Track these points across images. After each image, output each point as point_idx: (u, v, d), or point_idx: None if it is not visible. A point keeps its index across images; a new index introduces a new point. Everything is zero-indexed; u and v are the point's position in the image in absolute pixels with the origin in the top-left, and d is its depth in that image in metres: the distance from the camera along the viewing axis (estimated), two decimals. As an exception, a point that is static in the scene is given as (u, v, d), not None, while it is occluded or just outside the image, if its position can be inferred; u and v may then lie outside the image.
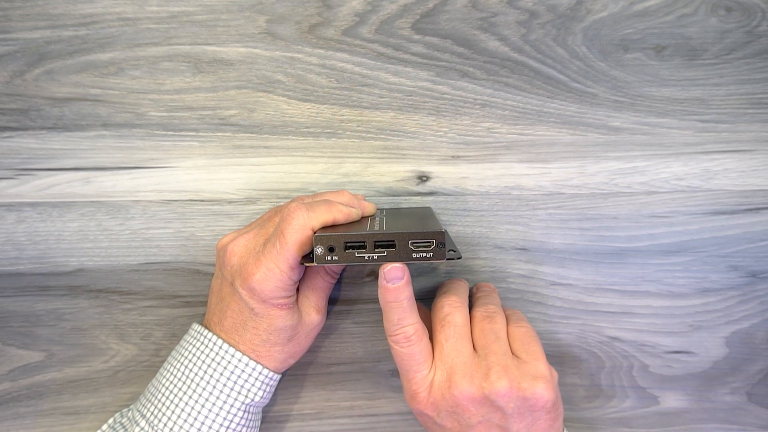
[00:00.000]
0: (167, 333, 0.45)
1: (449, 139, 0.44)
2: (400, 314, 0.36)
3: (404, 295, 0.36)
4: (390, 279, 0.35)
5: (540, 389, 0.36)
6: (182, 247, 0.44)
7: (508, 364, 0.36)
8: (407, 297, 0.36)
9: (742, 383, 0.47)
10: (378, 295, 0.37)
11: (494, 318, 0.39)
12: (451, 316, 0.38)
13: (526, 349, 0.38)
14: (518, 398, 0.35)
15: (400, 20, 0.42)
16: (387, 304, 0.36)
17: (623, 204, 0.45)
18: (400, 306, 0.36)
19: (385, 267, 0.35)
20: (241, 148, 0.43)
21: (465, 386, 0.36)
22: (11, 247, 0.44)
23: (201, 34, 0.42)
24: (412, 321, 0.37)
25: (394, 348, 0.37)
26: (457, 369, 0.36)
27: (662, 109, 0.44)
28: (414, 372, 0.37)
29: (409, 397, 0.38)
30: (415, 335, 0.37)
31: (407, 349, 0.37)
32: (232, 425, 0.38)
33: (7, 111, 0.42)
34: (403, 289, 0.36)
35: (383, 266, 0.35)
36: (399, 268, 0.35)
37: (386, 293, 0.36)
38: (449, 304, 0.39)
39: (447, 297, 0.40)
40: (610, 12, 0.43)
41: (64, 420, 0.46)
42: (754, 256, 0.46)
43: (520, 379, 0.36)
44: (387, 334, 0.37)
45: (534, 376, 0.36)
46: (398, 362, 0.38)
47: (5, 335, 0.45)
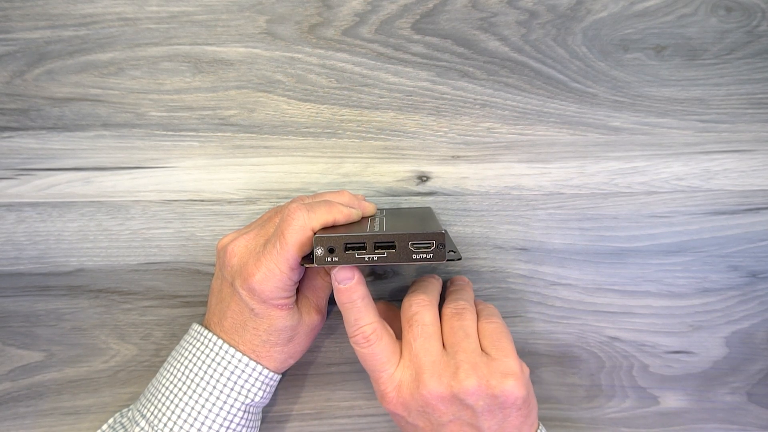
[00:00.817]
0: (167, 333, 0.45)
1: (449, 139, 0.44)
2: (355, 314, 0.36)
3: (357, 294, 0.36)
4: (341, 280, 0.36)
5: (509, 386, 0.35)
6: (182, 247, 0.44)
7: (477, 362, 0.36)
8: (360, 296, 0.36)
9: (742, 383, 0.47)
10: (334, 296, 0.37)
11: (463, 314, 0.39)
12: (418, 315, 0.38)
13: (496, 346, 0.37)
14: (487, 396, 0.35)
15: (400, 20, 0.42)
16: (342, 305, 0.36)
17: (623, 204, 0.45)
18: (354, 306, 0.36)
19: (335, 268, 0.36)
20: (241, 148, 0.43)
21: (433, 385, 0.35)
22: (11, 247, 0.44)
23: (201, 34, 0.42)
24: (368, 320, 0.37)
25: (355, 349, 0.37)
26: (425, 368, 0.36)
27: (662, 109, 0.44)
28: (379, 372, 0.37)
29: (379, 397, 0.38)
30: (374, 335, 0.37)
31: (367, 349, 0.37)
32: (232, 425, 0.38)
33: (7, 111, 0.42)
34: (355, 288, 0.36)
35: (332, 267, 0.36)
36: (347, 269, 0.36)
37: (339, 294, 0.36)
38: (417, 303, 0.39)
39: (415, 295, 0.39)
40: (610, 12, 0.43)
41: (64, 420, 0.46)
42: (754, 256, 0.46)
43: (488, 376, 0.35)
44: (348, 335, 0.37)
45: (503, 373, 0.36)
46: (363, 363, 0.38)
47: (5, 335, 0.45)
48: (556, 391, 0.47)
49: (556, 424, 0.47)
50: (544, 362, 0.47)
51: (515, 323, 0.46)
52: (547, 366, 0.47)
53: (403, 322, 0.39)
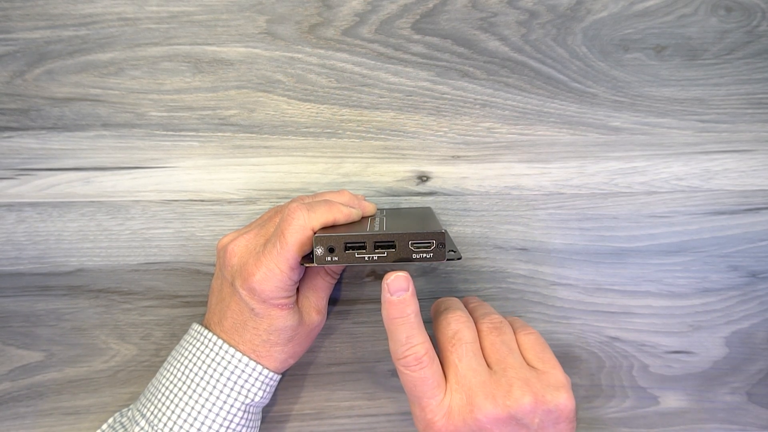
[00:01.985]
0: (167, 333, 0.45)
1: (449, 139, 0.44)
2: (408, 331, 0.33)
3: (411, 308, 0.33)
4: (394, 291, 0.33)
5: (563, 399, 0.34)
6: (182, 247, 0.44)
7: (528, 378, 0.34)
8: (414, 311, 0.33)
9: (742, 383, 0.47)
10: (382, 312, 0.34)
11: (502, 329, 0.37)
12: (461, 333, 0.35)
13: (541, 358, 0.36)
14: (543, 412, 0.34)
15: (400, 20, 0.42)
16: (392, 321, 0.33)
17: (623, 204, 0.45)
18: (407, 321, 0.33)
19: (388, 277, 0.33)
20: (241, 148, 0.43)
21: (489, 408, 0.33)
22: (11, 247, 0.44)
23: (201, 34, 0.42)
24: (421, 339, 0.34)
25: (403, 373, 0.34)
26: (476, 390, 0.33)
27: (662, 109, 0.44)
28: (428, 398, 0.34)
29: (424, 427, 0.34)
30: (427, 356, 0.34)
31: (419, 373, 0.34)
32: (232, 425, 0.38)
33: (7, 111, 0.42)
34: (410, 301, 0.33)
35: (386, 277, 0.33)
36: (403, 277, 0.33)
37: (391, 308, 0.33)
38: (456, 320, 0.36)
39: (452, 312, 0.37)
40: (610, 12, 0.43)
41: (64, 420, 0.46)
42: (754, 256, 0.46)
43: (543, 391, 0.34)
44: (395, 357, 0.34)
45: (555, 386, 0.34)
46: (409, 389, 0.34)
47: (5, 335, 0.45)
48: (556, 391, 0.47)
49: (556, 424, 0.47)
50: (544, 362, 0.47)
51: (515, 323, 0.46)
52: (547, 366, 0.47)
53: (443, 342, 0.36)
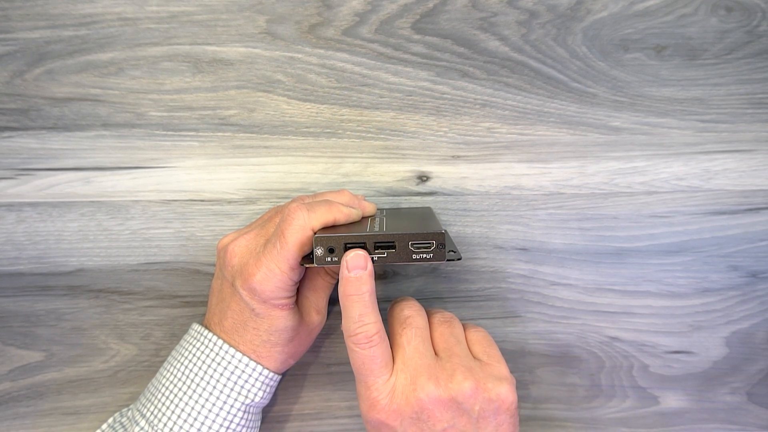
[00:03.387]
0: (167, 333, 0.45)
1: (449, 139, 0.44)
2: (361, 309, 0.34)
3: (366, 287, 0.34)
4: (352, 268, 0.34)
5: (504, 390, 0.35)
6: (182, 247, 0.44)
7: (472, 366, 0.35)
8: (369, 290, 0.34)
9: (742, 383, 0.47)
10: (338, 289, 0.35)
11: (452, 323, 0.38)
12: (412, 318, 0.37)
13: (487, 352, 0.37)
14: (484, 399, 0.34)
15: (400, 20, 0.42)
16: (347, 297, 0.34)
17: (623, 204, 0.45)
18: (362, 300, 0.34)
19: (348, 254, 0.34)
20: (241, 148, 0.43)
21: (431, 388, 0.34)
22: (11, 247, 0.44)
23: (201, 34, 0.42)
24: (374, 319, 0.34)
25: (353, 350, 0.35)
26: (421, 371, 0.34)
27: (662, 109, 0.44)
28: (375, 377, 0.35)
29: (368, 407, 0.35)
30: (377, 335, 0.34)
31: (368, 351, 0.34)
32: (232, 425, 0.38)
33: (7, 111, 0.42)
34: (366, 280, 0.34)
35: (346, 254, 0.34)
36: (362, 255, 0.34)
37: (347, 285, 0.34)
38: (409, 307, 0.38)
39: (406, 301, 0.38)
40: (610, 12, 0.43)
41: (64, 420, 0.46)
42: (754, 256, 0.46)
43: (485, 380, 0.35)
44: (346, 334, 0.35)
45: (498, 377, 0.35)
46: (357, 367, 0.35)
47: (5, 335, 0.45)
48: (556, 391, 0.47)
49: (556, 424, 0.47)
50: (544, 362, 0.47)
51: (515, 323, 0.46)
52: (547, 366, 0.47)
53: (395, 325, 0.37)
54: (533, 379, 0.47)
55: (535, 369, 0.47)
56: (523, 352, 0.46)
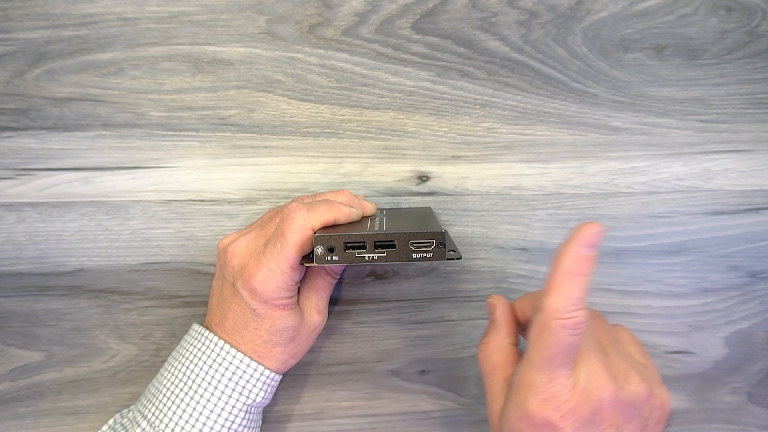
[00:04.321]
0: (167, 333, 0.45)
1: (449, 139, 0.44)
2: (581, 292, 0.30)
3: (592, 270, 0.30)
4: (591, 245, 0.30)
5: (667, 397, 0.33)
6: (182, 247, 0.44)
7: (641, 369, 0.33)
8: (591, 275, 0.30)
9: (742, 383, 0.47)
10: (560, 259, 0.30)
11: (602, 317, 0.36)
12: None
13: (641, 353, 0.35)
14: (652, 406, 0.33)
15: (400, 20, 0.42)
16: (572, 276, 0.30)
17: (623, 204, 0.45)
18: (585, 282, 0.30)
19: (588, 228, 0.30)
20: (241, 148, 0.43)
21: (612, 389, 0.31)
22: (11, 247, 0.44)
23: (201, 34, 0.42)
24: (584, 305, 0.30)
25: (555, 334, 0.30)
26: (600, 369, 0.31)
27: (662, 109, 0.44)
28: (563, 369, 0.31)
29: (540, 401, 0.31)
30: (584, 324, 0.30)
31: (573, 339, 0.30)
32: (233, 426, 0.38)
33: (7, 111, 0.42)
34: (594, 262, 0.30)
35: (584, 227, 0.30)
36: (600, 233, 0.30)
37: (580, 262, 0.30)
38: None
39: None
40: (610, 12, 0.43)
41: (64, 420, 0.46)
42: (754, 256, 0.46)
43: (652, 384, 0.33)
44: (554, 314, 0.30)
45: (659, 382, 0.34)
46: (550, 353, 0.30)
47: (5, 335, 0.45)
48: (556, 391, 0.47)
49: (556, 424, 0.47)
50: (544, 362, 0.47)
51: (515, 323, 0.46)
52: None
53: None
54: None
55: (535, 369, 0.47)
56: (523, 352, 0.46)
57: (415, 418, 0.47)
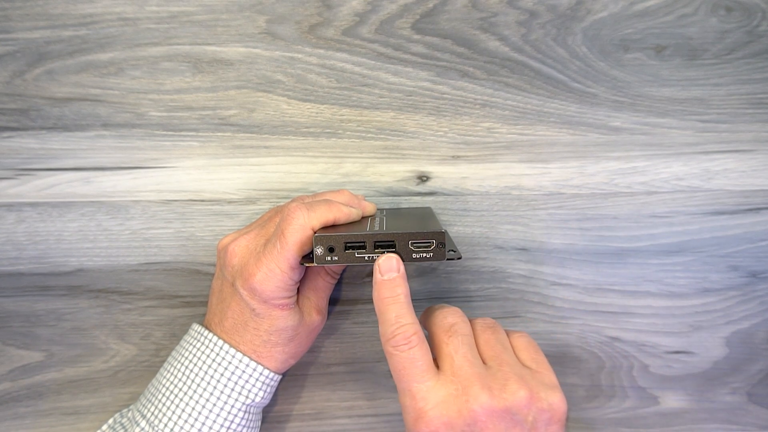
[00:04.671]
0: (167, 333, 0.45)
1: (449, 139, 0.44)
2: (398, 311, 0.33)
3: (401, 289, 0.34)
4: (385, 271, 0.33)
5: (557, 399, 0.34)
6: (182, 247, 0.44)
7: (523, 374, 0.34)
8: (404, 292, 0.34)
9: (742, 383, 0.47)
10: (372, 294, 0.34)
11: (496, 328, 0.37)
12: (457, 326, 0.35)
13: (534, 359, 0.36)
14: (538, 410, 0.33)
15: (400, 20, 0.42)
16: (383, 300, 0.34)
17: (623, 204, 0.45)
18: (398, 301, 0.33)
19: (380, 258, 0.34)
20: (241, 148, 0.43)
21: (485, 399, 0.32)
22: (11, 247, 0.44)
23: (201, 34, 0.42)
24: (411, 320, 0.33)
25: (392, 354, 0.33)
26: (473, 381, 0.33)
27: (662, 109, 0.44)
28: (418, 383, 0.33)
29: (414, 419, 0.33)
30: (416, 336, 0.33)
31: (408, 353, 0.33)
32: (232, 426, 0.38)
33: (7, 111, 0.42)
34: (400, 282, 0.33)
35: (377, 259, 0.34)
36: (394, 258, 0.33)
37: (382, 288, 0.33)
38: (452, 314, 0.36)
39: (448, 308, 0.37)
40: (610, 12, 0.43)
41: (64, 420, 0.46)
42: (754, 256, 0.46)
43: (538, 389, 0.34)
44: (384, 338, 0.34)
45: (549, 386, 0.34)
46: (397, 373, 0.33)
47: (5, 335, 0.45)
48: (556, 391, 0.47)
49: (556, 424, 0.47)
50: (544, 362, 0.47)
51: (515, 323, 0.46)
52: (547, 366, 0.47)
53: (439, 333, 0.35)
54: (533, 379, 0.47)
55: (535, 369, 0.47)
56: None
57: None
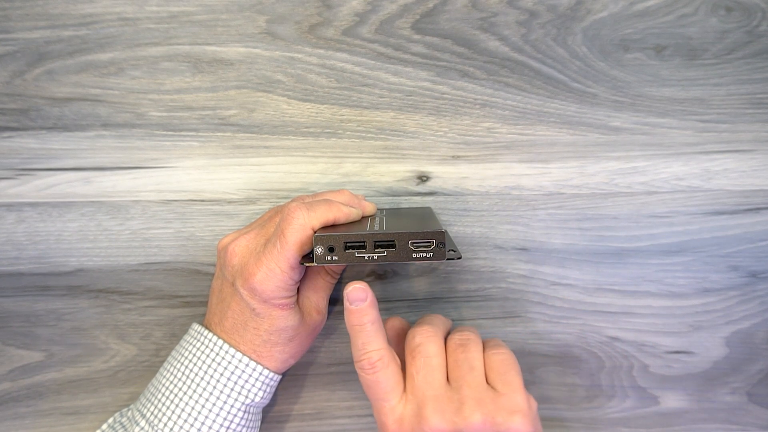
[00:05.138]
0: (167, 333, 0.45)
1: (449, 139, 0.44)
2: (363, 338, 0.35)
3: (368, 318, 0.35)
4: (353, 300, 0.35)
5: (515, 424, 0.34)
6: (182, 247, 0.44)
7: (483, 397, 0.35)
8: (371, 320, 0.35)
9: (742, 383, 0.47)
10: (344, 316, 0.36)
11: (468, 345, 0.37)
12: (422, 347, 0.37)
13: (503, 380, 0.36)
14: None
15: (400, 20, 0.42)
16: (351, 327, 0.36)
17: (623, 204, 0.45)
18: (364, 330, 0.35)
19: (348, 287, 0.35)
20: (241, 148, 0.43)
21: (436, 421, 0.34)
22: (11, 247, 0.44)
23: (201, 34, 0.42)
24: (377, 347, 0.36)
25: (359, 374, 0.36)
26: (427, 402, 0.35)
27: (662, 109, 0.44)
28: (381, 401, 0.36)
29: (380, 427, 0.36)
30: (380, 362, 0.35)
31: (372, 377, 0.35)
32: (232, 425, 0.38)
33: (7, 111, 0.42)
34: (367, 311, 0.35)
35: (347, 287, 0.35)
36: (361, 288, 0.35)
37: (350, 316, 0.35)
38: (420, 334, 0.37)
39: (420, 327, 0.38)
40: (610, 12, 0.43)
41: (64, 420, 0.46)
42: (754, 256, 0.46)
43: (494, 413, 0.34)
44: (354, 359, 0.36)
45: (510, 410, 0.34)
46: (365, 390, 0.37)
47: (5, 335, 0.45)
48: (556, 391, 0.47)
49: (556, 424, 0.47)
50: (544, 362, 0.47)
51: (515, 323, 0.46)
52: (547, 366, 0.47)
53: (407, 353, 0.37)
54: (533, 379, 0.47)
55: (535, 369, 0.47)
56: (523, 352, 0.46)
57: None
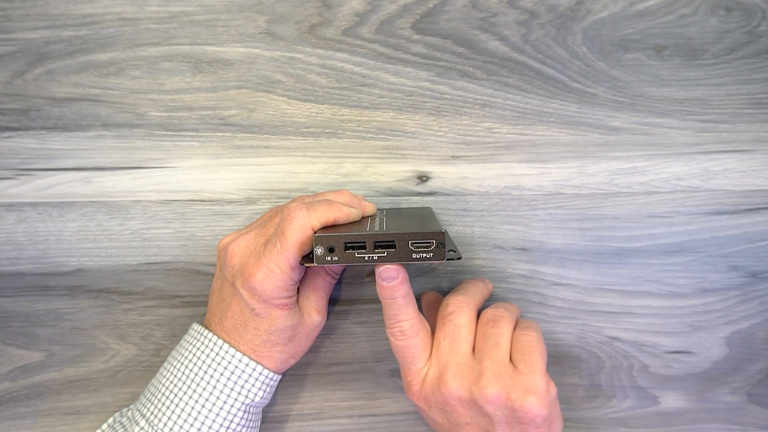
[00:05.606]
0: (167, 333, 0.45)
1: (449, 139, 0.44)
2: (395, 311, 0.37)
3: (399, 293, 0.37)
4: (385, 278, 0.36)
5: (529, 403, 0.35)
6: (182, 247, 0.44)
7: (502, 372, 0.36)
8: (402, 295, 0.37)
9: (742, 383, 0.47)
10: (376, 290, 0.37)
11: (498, 322, 0.39)
12: (453, 315, 0.39)
13: (526, 360, 0.37)
14: (506, 408, 0.36)
15: (400, 20, 0.42)
16: (383, 300, 0.37)
17: (623, 204, 0.45)
18: (395, 303, 0.37)
19: (380, 267, 0.36)
20: (241, 148, 0.43)
21: (454, 386, 0.36)
22: (11, 247, 0.44)
23: (201, 34, 0.42)
24: (407, 317, 0.38)
25: (390, 340, 0.39)
26: (449, 368, 0.37)
27: (662, 109, 0.44)
28: (409, 364, 0.38)
29: (405, 387, 0.39)
30: (411, 329, 0.38)
31: (402, 342, 0.38)
32: (232, 425, 0.38)
33: (7, 111, 0.42)
34: (398, 287, 0.36)
35: (378, 266, 0.36)
36: (393, 269, 0.36)
37: (382, 290, 0.37)
38: (453, 303, 0.39)
39: (454, 296, 0.40)
40: (610, 12, 0.43)
41: (64, 420, 0.46)
42: (754, 256, 0.46)
43: (510, 389, 0.36)
44: (385, 326, 0.39)
45: (526, 389, 0.36)
46: (395, 354, 0.39)
47: (5, 335, 0.45)
48: (556, 391, 0.47)
49: (556, 424, 0.47)
50: (544, 362, 0.47)
51: (515, 323, 0.46)
52: (548, 366, 0.47)
53: (438, 319, 0.39)
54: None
55: (535, 369, 0.47)
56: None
57: (415, 418, 0.47)
